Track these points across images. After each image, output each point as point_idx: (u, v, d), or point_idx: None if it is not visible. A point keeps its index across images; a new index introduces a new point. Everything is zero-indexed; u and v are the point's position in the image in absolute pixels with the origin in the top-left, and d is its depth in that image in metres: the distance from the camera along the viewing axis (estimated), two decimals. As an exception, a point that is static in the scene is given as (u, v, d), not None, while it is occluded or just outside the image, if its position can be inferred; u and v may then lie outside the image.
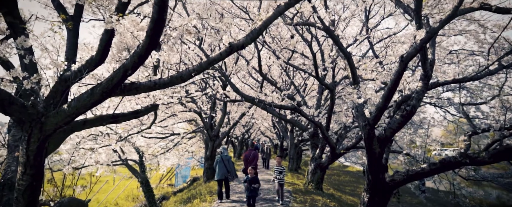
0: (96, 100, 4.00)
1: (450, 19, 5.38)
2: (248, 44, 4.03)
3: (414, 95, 6.83)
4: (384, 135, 6.91)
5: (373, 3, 10.70)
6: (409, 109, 6.66)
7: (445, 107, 13.24)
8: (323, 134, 11.44)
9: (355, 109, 7.18)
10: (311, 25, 6.66)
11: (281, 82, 16.08)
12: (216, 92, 12.35)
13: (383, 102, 6.58)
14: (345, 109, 16.34)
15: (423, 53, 6.48)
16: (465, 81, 7.56)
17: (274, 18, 3.99)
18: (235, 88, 11.06)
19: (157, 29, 3.53)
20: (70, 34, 5.41)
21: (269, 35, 12.42)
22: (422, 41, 5.54)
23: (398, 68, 5.99)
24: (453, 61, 11.19)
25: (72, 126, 5.30)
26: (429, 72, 6.77)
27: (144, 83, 4.15)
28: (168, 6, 3.43)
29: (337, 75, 12.98)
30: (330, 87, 10.70)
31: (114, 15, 3.56)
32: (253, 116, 22.94)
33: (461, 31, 9.77)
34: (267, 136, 41.42)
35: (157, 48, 3.66)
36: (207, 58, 11.23)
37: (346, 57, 6.97)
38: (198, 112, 15.86)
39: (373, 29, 11.21)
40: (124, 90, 4.08)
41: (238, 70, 15.88)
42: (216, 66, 10.85)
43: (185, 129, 22.50)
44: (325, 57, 11.66)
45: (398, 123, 6.83)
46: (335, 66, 11.17)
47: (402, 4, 7.33)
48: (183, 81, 4.23)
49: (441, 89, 12.85)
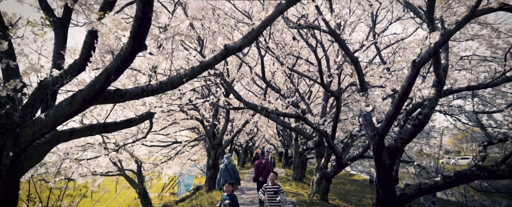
0: (76, 109, 3.60)
1: (467, 20, 4.96)
2: (245, 46, 3.63)
3: (427, 103, 6.38)
4: (394, 145, 6.45)
5: (380, 8, 10.31)
6: (422, 118, 6.21)
7: (456, 115, 12.72)
8: (328, 143, 10.99)
9: (363, 118, 6.74)
10: (316, 28, 6.26)
11: (285, 89, 15.66)
12: (218, 99, 11.95)
13: (393, 111, 6.14)
14: (351, 117, 15.86)
15: (436, 58, 6.04)
16: (480, 88, 7.10)
17: (274, 18, 3.58)
18: (238, 95, 10.66)
19: (142, 29, 3.14)
20: (58, 38, 5.04)
21: (273, 41, 12.04)
22: (436, 44, 5.11)
23: (410, 74, 5.55)
24: (465, 67, 10.71)
25: (58, 136, 4.91)
26: (442, 79, 6.32)
27: (131, 90, 3.75)
28: (153, 3, 3.04)
29: (343, 82, 12.54)
30: (335, 95, 10.27)
31: (94, 13, 3.17)
32: (257, 124, 22.51)
33: (473, 35, 9.33)
34: (271, 143, 40.91)
35: (143, 50, 3.26)
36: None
37: (353, 63, 6.55)
38: (200, 119, 15.47)
39: (380, 34, 10.79)
40: (108, 98, 3.68)
41: (241, 77, 15.51)
42: (218, 72, 10.46)
43: (188, 137, 22.10)
44: (331, 63, 11.24)
45: (410, 133, 6.37)
46: (341, 73, 10.75)
47: (412, 6, 6.93)
48: (174, 88, 3.82)
49: (452, 96, 12.36)
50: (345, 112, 16.58)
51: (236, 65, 13.92)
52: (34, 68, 3.80)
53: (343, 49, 6.34)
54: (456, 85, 7.19)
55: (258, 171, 11.66)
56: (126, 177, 13.73)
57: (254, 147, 40.11)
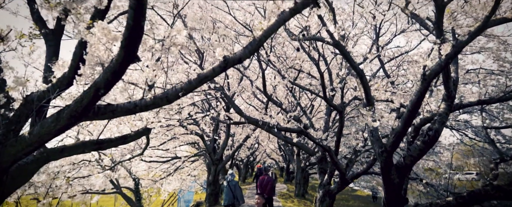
0: (63, 126, 3.32)
1: (480, 31, 4.70)
2: (246, 57, 3.36)
3: (437, 118, 6.08)
4: (403, 163, 6.12)
5: (383, 20, 10.11)
6: (432, 133, 5.90)
7: (462, 130, 12.39)
8: (331, 158, 10.64)
9: (370, 134, 6.43)
10: (320, 40, 6.01)
11: (287, 103, 15.39)
12: (218, 114, 11.67)
13: (402, 126, 5.84)
14: (354, 132, 15.53)
15: (446, 71, 5.78)
16: (491, 102, 6.81)
17: (277, 27, 3.32)
18: (238, 110, 10.38)
19: (133, 38, 2.87)
20: (50, 50, 4.80)
21: (274, 54, 11.83)
22: (447, 56, 4.84)
23: (419, 87, 5.27)
24: (471, 81, 10.44)
25: (47, 154, 4.61)
26: (452, 92, 6.03)
27: (123, 105, 3.47)
28: (146, 10, 2.79)
29: (346, 96, 12.27)
30: (338, 109, 9.98)
31: (82, 22, 2.92)
32: (259, 139, 22.16)
33: (480, 48, 9.09)
34: (273, 158, 40.43)
35: (135, 61, 2.99)
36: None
37: (358, 75, 6.28)
38: (200, 134, 15.15)
39: (384, 47, 10.56)
40: (97, 113, 3.40)
41: (242, 91, 15.27)
42: (218, 86, 10.20)
43: (189, 152, 21.73)
44: (333, 77, 10.98)
45: (420, 149, 6.05)
46: (344, 86, 10.47)
47: (419, 18, 6.70)
48: (169, 102, 3.54)
49: (458, 111, 12.06)
50: (348, 127, 16.26)
51: (237, 78, 13.69)
52: (19, 81, 3.53)
53: (348, 61, 6.08)
54: (466, 100, 6.90)
55: (261, 187, 11.41)
56: (123, 195, 13.33)
57: (255, 162, 39.62)
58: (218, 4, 9.43)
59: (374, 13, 9.04)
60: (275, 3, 3.36)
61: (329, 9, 6.76)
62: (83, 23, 2.92)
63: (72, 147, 4.95)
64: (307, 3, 3.24)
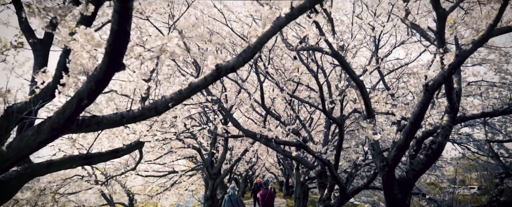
0: (44, 139, 3.10)
1: (484, 40, 4.53)
2: (240, 66, 3.17)
3: (440, 131, 5.87)
4: (406, 178, 5.88)
5: (382, 32, 9.98)
6: (435, 147, 5.68)
7: (464, 144, 12.15)
8: (331, 172, 10.37)
9: (371, 147, 6.21)
10: (318, 50, 5.85)
11: (286, 116, 15.17)
12: (215, 126, 11.44)
13: (404, 139, 5.63)
14: (354, 145, 15.29)
15: (448, 82, 5.59)
16: (495, 115, 6.62)
17: (273, 34, 3.14)
18: (236, 123, 10.16)
19: (118, 44, 2.69)
20: (38, 60, 4.62)
21: (273, 67, 11.68)
22: (451, 66, 4.67)
23: (422, 99, 5.08)
24: (473, 93, 10.27)
25: (31, 169, 4.39)
26: (456, 104, 5.84)
27: (108, 117, 3.26)
28: (132, 13, 2.61)
29: (346, 108, 12.07)
30: (338, 122, 9.76)
31: (64, 28, 2.74)
32: (258, 152, 21.86)
33: (482, 60, 8.94)
34: (272, 172, 39.98)
35: (120, 69, 2.80)
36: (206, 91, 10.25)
37: (358, 87, 6.09)
38: (198, 148, 14.87)
39: (383, 58, 10.42)
40: (81, 126, 3.18)
41: (240, 103, 15.08)
42: (215, 99, 10.01)
43: (186, 166, 21.40)
44: (332, 89, 10.80)
45: (423, 164, 5.83)
46: (343, 99, 10.28)
47: (419, 28, 6.56)
48: (158, 114, 3.34)
49: (460, 124, 11.84)
50: (348, 140, 16.01)
51: (235, 91, 13.52)
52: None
53: (347, 72, 5.90)
54: (469, 112, 6.70)
55: (264, 202, 11.19)
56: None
57: (255, 176, 39.15)
58: (215, 15, 9.33)
59: (373, 24, 8.92)
60: (271, 8, 3.19)
61: (327, 20, 6.63)
62: (66, 28, 2.74)
63: (59, 162, 4.72)
64: (304, 8, 3.07)
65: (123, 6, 2.54)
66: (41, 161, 4.68)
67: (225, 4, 9.04)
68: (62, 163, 4.77)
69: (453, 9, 5.45)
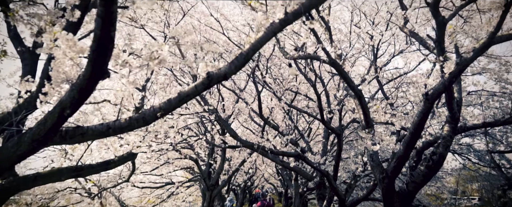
0: (24, 151, 2.95)
1: (486, 47, 4.41)
2: (232, 73, 3.03)
3: (440, 141, 5.71)
4: (406, 190, 5.71)
5: (381, 41, 9.89)
6: (436, 158, 5.52)
7: (465, 154, 11.96)
8: (330, 184, 10.18)
9: (370, 158, 6.04)
10: (315, 59, 5.72)
11: (284, 126, 15.00)
12: (212, 136, 11.28)
13: (404, 150, 5.47)
14: (353, 156, 15.10)
15: (449, 91, 5.46)
16: (497, 125, 6.47)
17: (266, 40, 3.01)
18: (233, 133, 10.01)
19: (102, 51, 2.54)
20: (26, 69, 4.49)
21: (270, 76, 11.57)
22: (451, 75, 4.54)
23: (422, 108, 4.93)
24: (473, 103, 10.13)
25: (17, 183, 4.21)
26: (456, 114, 5.69)
27: (94, 127, 3.10)
28: (116, 18, 2.47)
29: (344, 118, 11.92)
30: (336, 132, 9.61)
31: (46, 34, 2.60)
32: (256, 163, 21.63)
33: (482, 69, 8.82)
34: (271, 183, 39.58)
35: (105, 77, 2.65)
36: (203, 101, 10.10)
37: (356, 96, 5.95)
38: (195, 159, 14.66)
39: (382, 67, 10.30)
40: (65, 137, 3.02)
41: (238, 113, 14.93)
42: (212, 108, 9.85)
43: (184, 177, 21.14)
44: (331, 99, 10.66)
45: (423, 175, 5.66)
46: (342, 108, 10.14)
47: (418, 36, 6.46)
48: (147, 124, 3.18)
49: (460, 134, 11.68)
50: (347, 151, 15.82)
51: (233, 101, 13.39)
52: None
53: (345, 81, 5.77)
54: (469, 122, 6.55)
55: None
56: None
57: (253, 187, 38.76)
58: (212, 24, 9.24)
59: (372, 33, 8.83)
60: (265, 14, 3.06)
61: (325, 28, 6.51)
62: (47, 34, 2.60)
63: (46, 174, 4.55)
64: (298, 14, 2.94)
65: (106, 10, 2.40)
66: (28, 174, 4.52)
67: (222, 13, 8.95)
68: (50, 176, 4.59)
69: (453, 16, 5.35)
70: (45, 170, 4.61)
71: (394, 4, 9.14)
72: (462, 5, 5.31)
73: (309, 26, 4.49)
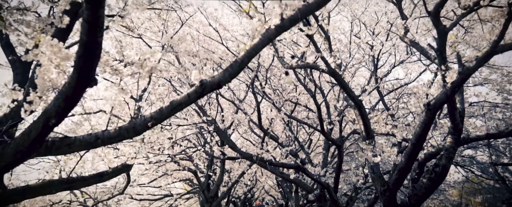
0: (8, 163, 2.82)
1: (489, 56, 4.30)
2: (226, 81, 2.91)
3: (443, 153, 5.56)
4: (408, 203, 5.54)
5: (381, 51, 9.80)
6: (439, 170, 5.36)
7: (468, 166, 11.76)
8: (331, 196, 9.98)
9: (371, 170, 5.89)
10: (314, 68, 5.61)
11: (284, 137, 14.83)
12: (210, 147, 11.12)
13: (405, 162, 5.32)
14: (354, 168, 14.90)
15: (451, 101, 5.33)
16: (501, 136, 6.33)
17: (262, 47, 2.90)
18: (232, 144, 9.86)
19: (89, 57, 2.43)
20: (17, 78, 4.38)
21: (270, 87, 11.46)
22: (454, 84, 4.42)
23: (424, 118, 4.80)
24: (475, 114, 9.99)
25: (5, 196, 4.06)
26: (459, 125, 5.56)
27: (81, 138, 2.97)
28: (103, 22, 2.36)
29: (345, 129, 11.77)
30: (337, 143, 9.45)
31: (30, 40, 2.49)
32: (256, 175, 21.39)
33: (483, 79, 8.72)
34: (271, 195, 39.18)
35: (92, 85, 2.54)
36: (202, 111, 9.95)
37: (356, 106, 5.83)
38: (193, 171, 14.47)
39: (382, 78, 10.20)
40: (50, 148, 2.89)
41: (238, 125, 14.79)
42: (210, 119, 9.72)
43: (184, 189, 20.87)
44: (331, 110, 10.53)
45: (426, 188, 5.49)
46: (342, 119, 10.00)
47: (419, 46, 6.36)
48: (137, 134, 3.05)
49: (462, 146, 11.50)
50: (348, 162, 15.63)
51: (232, 112, 13.26)
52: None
53: (345, 91, 5.65)
54: (472, 133, 6.40)
55: None
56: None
57: (254, 199, 38.34)
58: (210, 34, 9.16)
59: (372, 43, 8.75)
60: (261, 20, 2.96)
61: (324, 38, 6.42)
62: (31, 40, 2.49)
63: (36, 187, 4.40)
64: (295, 19, 2.83)
65: (93, 15, 2.30)
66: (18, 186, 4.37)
67: (221, 23, 8.89)
68: (40, 188, 4.45)
69: (454, 25, 5.25)
70: (35, 182, 4.47)
71: (394, 14, 9.08)
72: (464, 14, 5.21)
73: (307, 33, 4.39)
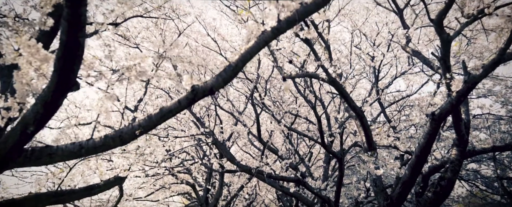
0: (-17, 173, 2.62)
1: (496, 64, 4.13)
2: (219, 87, 2.73)
3: (448, 166, 5.34)
4: (413, 218, 5.29)
5: (382, 63, 9.65)
6: (445, 184, 5.15)
7: (472, 180, 11.48)
8: (332, 211, 9.70)
9: (373, 183, 5.66)
10: (314, 77, 5.44)
11: (284, 150, 14.60)
12: (208, 160, 10.90)
13: (409, 175, 5.10)
14: (355, 181, 14.61)
15: (456, 112, 5.14)
16: (508, 149, 6.12)
17: (257, 50, 2.72)
18: (230, 157, 9.65)
19: (69, 59, 2.26)
20: (4, 86, 4.22)
21: (270, 98, 11.30)
22: (459, 93, 4.24)
23: (428, 129, 4.60)
24: (479, 127, 9.79)
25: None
26: (465, 136, 5.35)
27: (64, 147, 2.76)
28: (85, 22, 2.19)
29: (346, 142, 11.55)
30: (338, 156, 9.21)
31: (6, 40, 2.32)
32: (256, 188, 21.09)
33: (487, 91, 8.54)
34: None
35: (73, 89, 2.36)
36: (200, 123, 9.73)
37: (358, 116, 5.63)
38: (192, 184, 14.20)
39: (384, 89, 10.03)
40: (30, 158, 2.68)
41: (237, 137, 14.58)
42: (207, 131, 9.53)
43: (182, 203, 20.53)
44: (332, 122, 10.33)
45: (431, 202, 5.26)
46: (343, 131, 9.79)
47: (421, 56, 6.21)
48: (124, 143, 2.85)
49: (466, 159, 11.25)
50: (349, 176, 15.35)
51: (231, 124, 13.07)
52: None
53: (346, 101, 5.47)
54: (479, 146, 6.19)
55: None
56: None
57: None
58: (209, 45, 9.04)
59: (373, 54, 8.61)
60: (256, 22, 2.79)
61: (324, 47, 6.28)
62: (7, 41, 2.32)
63: (21, 201, 4.18)
64: (292, 21, 2.66)
65: (73, 12, 2.13)
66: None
67: (220, 33, 8.78)
68: (26, 202, 4.23)
69: (458, 34, 5.11)
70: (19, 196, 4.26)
71: (395, 25, 8.97)
72: (468, 22, 5.07)
73: (306, 36, 4.23)
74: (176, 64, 6.78)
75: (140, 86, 8.90)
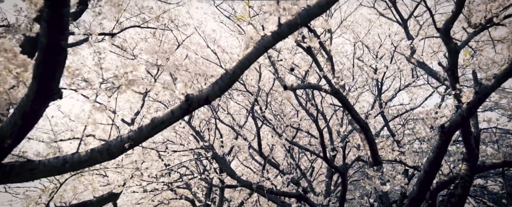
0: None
1: (508, 74, 3.93)
2: (216, 96, 2.52)
3: (458, 182, 5.09)
4: (422, 237, 5.01)
5: (385, 75, 9.47)
6: (455, 201, 4.88)
7: (479, 197, 11.15)
8: (335, 228, 9.39)
9: (379, 200, 5.40)
10: (316, 88, 5.24)
11: (286, 164, 14.31)
12: (208, 175, 10.63)
13: (417, 191, 4.84)
14: (358, 197, 14.27)
15: (465, 125, 4.91)
16: (519, 163, 5.84)
17: (256, 56, 2.53)
18: (230, 171, 9.39)
19: (50, 64, 2.06)
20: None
21: (271, 112, 11.09)
22: (470, 105, 4.02)
23: (438, 143, 4.37)
24: (486, 141, 9.52)
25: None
26: (475, 150, 5.12)
27: (47, 162, 2.54)
28: (68, 24, 2.00)
29: (348, 156, 11.28)
30: (340, 170, 8.95)
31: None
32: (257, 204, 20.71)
33: (494, 104, 8.33)
34: (273, 225, 38.10)
35: (54, 98, 2.15)
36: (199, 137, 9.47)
37: (362, 129, 5.40)
38: (191, 200, 13.88)
39: (387, 102, 9.81)
40: (9, 174, 2.46)
41: (238, 151, 14.32)
42: (207, 145, 9.29)
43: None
44: (334, 136, 10.09)
45: (441, 220, 4.98)
46: (345, 145, 9.54)
47: (427, 67, 6.02)
48: (112, 157, 2.63)
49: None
50: (352, 191, 15.00)
51: (232, 138, 12.83)
52: None
53: (349, 112, 5.25)
54: (488, 160, 5.93)
55: None
56: None
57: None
58: (208, 57, 8.89)
59: (376, 66, 8.43)
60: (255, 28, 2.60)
61: (326, 59, 6.10)
62: (-15, 45, 2.13)
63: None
64: (294, 25, 2.47)
65: (54, 13, 1.94)
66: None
67: (219, 44, 8.63)
68: (12, 218, 3.97)
69: (466, 43, 4.93)
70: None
71: (398, 37, 8.82)
72: (476, 32, 4.90)
73: (308, 44, 4.04)
74: (171, 73, 6.59)
75: (138, 98, 8.72)
